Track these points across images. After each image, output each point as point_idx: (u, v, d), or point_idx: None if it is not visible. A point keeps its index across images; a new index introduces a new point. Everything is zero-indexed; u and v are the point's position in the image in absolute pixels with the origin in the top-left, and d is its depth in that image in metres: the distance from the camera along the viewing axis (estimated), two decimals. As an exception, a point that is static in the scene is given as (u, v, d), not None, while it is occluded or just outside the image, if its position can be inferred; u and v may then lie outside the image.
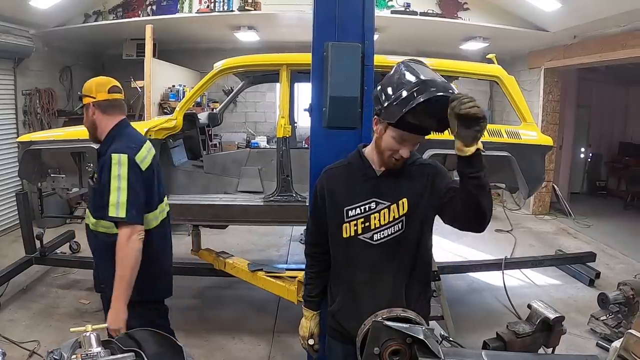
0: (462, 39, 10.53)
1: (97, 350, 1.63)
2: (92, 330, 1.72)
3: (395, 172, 2.47)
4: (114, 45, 11.57)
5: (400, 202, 2.42)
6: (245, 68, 5.69)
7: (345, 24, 3.75)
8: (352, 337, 2.38)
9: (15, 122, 9.80)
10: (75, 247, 8.11)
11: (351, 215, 2.49)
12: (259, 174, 6.02)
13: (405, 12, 9.30)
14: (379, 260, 2.47)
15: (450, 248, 8.25)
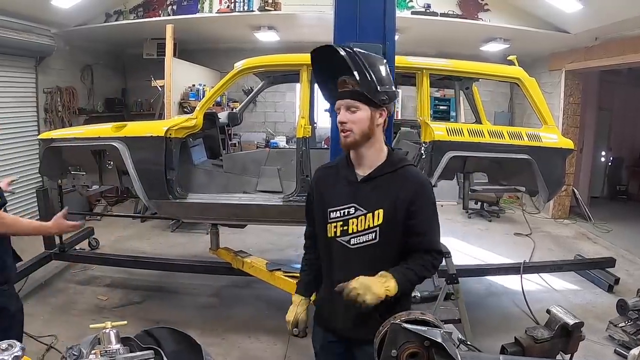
0: (483, 40, 10.45)
1: (117, 347, 1.64)
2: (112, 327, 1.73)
3: (375, 179, 2.51)
4: (135, 45, 11.67)
5: (376, 212, 2.46)
6: (266, 68, 5.72)
7: (366, 24, 3.76)
8: (331, 327, 2.70)
9: (37, 119, 9.93)
10: (94, 244, 8.22)
11: (333, 217, 2.55)
12: (278, 173, 6.01)
13: (426, 13, 9.26)
14: (354, 264, 2.50)
15: (468, 251, 8.21)
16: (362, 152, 2.52)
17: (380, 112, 2.46)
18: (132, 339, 1.77)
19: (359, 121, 2.43)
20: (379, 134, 2.51)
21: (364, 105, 2.43)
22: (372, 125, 2.46)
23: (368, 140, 2.48)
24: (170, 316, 5.74)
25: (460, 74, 5.70)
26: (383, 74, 2.53)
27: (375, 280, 2.18)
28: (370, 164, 2.53)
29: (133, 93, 13.25)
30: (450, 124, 5.78)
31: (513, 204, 11.55)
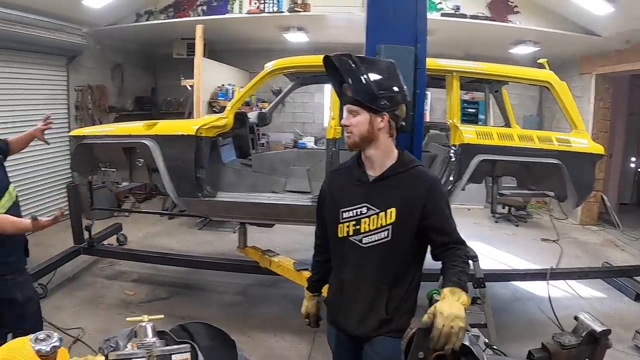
0: (512, 43, 10.34)
1: (153, 340, 1.67)
2: (148, 320, 1.76)
3: (387, 179, 2.56)
4: (165, 44, 11.78)
5: (388, 211, 2.50)
6: (296, 69, 5.74)
7: (397, 26, 3.75)
8: (340, 325, 2.76)
9: (67, 116, 10.14)
10: (122, 240, 8.35)
11: (345, 217, 2.60)
12: (307, 174, 6.02)
13: (455, 15, 9.21)
14: (365, 263, 2.58)
15: (495, 255, 8.16)
16: (370, 154, 2.58)
17: (381, 116, 2.50)
18: (167, 333, 1.80)
19: (358, 124, 2.52)
20: (383, 137, 2.55)
21: (362, 110, 2.50)
22: (371, 129, 2.51)
23: (371, 143, 2.55)
24: (196, 312, 5.78)
25: (490, 76, 5.68)
26: (386, 78, 2.57)
27: (453, 304, 2.11)
28: (380, 165, 2.58)
29: (162, 92, 13.42)
30: (480, 127, 5.73)
31: (540, 209, 11.45)
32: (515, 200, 10.05)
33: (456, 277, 2.28)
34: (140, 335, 1.71)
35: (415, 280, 2.63)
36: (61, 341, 1.59)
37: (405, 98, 2.58)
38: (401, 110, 2.56)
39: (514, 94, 10.92)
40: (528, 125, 10.78)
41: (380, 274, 2.56)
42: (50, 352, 1.54)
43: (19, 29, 8.11)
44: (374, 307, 2.57)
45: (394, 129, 2.55)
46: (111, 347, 1.61)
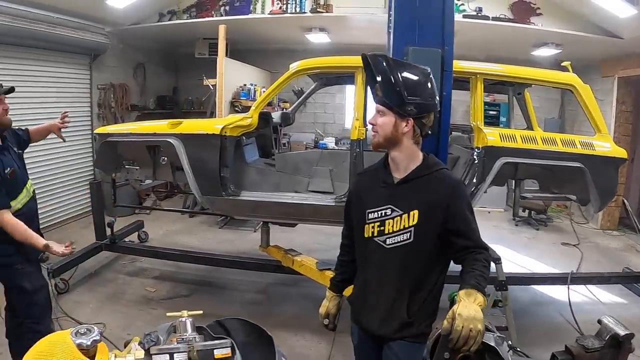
0: (534, 45, 10.28)
1: (193, 335, 1.70)
2: (188, 316, 1.79)
3: (411, 182, 2.58)
4: (187, 44, 11.84)
5: (411, 213, 2.52)
6: (321, 69, 5.78)
7: (425, 28, 3.76)
8: (362, 324, 2.79)
9: (90, 114, 10.25)
10: (144, 237, 8.45)
11: (371, 218, 2.64)
12: (330, 174, 6.04)
13: (477, 16, 9.17)
14: (387, 264, 2.62)
15: (515, 259, 8.11)
16: (394, 156, 2.61)
17: (406, 121, 2.52)
18: (204, 328, 1.83)
19: (383, 125, 2.54)
20: (407, 142, 2.56)
21: (389, 112, 2.53)
22: (395, 132, 2.53)
23: (395, 146, 2.57)
24: (217, 310, 5.73)
25: (514, 79, 5.64)
26: (418, 85, 2.58)
27: (470, 306, 2.14)
28: (404, 167, 2.61)
29: (184, 91, 13.49)
30: (503, 129, 5.72)
31: (561, 213, 11.36)
32: (536, 203, 9.99)
33: (474, 279, 2.30)
34: (180, 330, 1.74)
35: (438, 283, 2.64)
36: (101, 335, 1.62)
37: (434, 107, 2.58)
38: (428, 119, 2.57)
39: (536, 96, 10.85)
40: (549, 128, 10.71)
41: (402, 276, 2.58)
42: (91, 346, 1.56)
43: (44, 27, 8.22)
44: (396, 308, 2.59)
45: (418, 135, 2.57)
46: (152, 342, 1.63)
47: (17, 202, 4.02)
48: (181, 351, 1.56)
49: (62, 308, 5.86)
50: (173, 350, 1.56)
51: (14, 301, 4.18)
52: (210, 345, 1.59)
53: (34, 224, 4.23)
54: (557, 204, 11.11)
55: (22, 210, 4.07)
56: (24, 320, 4.14)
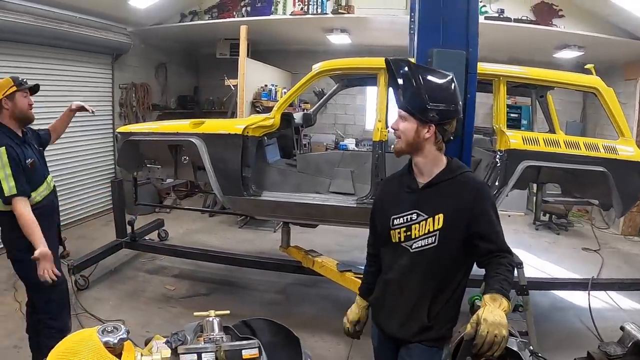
0: (556, 47, 10.17)
1: (221, 335, 1.71)
2: (215, 315, 1.80)
3: (436, 186, 2.57)
4: (208, 44, 11.93)
5: (436, 217, 2.51)
6: (343, 71, 5.75)
7: (449, 30, 3.75)
8: (382, 326, 2.79)
9: (112, 113, 10.36)
10: (164, 235, 8.51)
11: (396, 224, 2.63)
12: (351, 176, 6.03)
13: (499, 18, 9.13)
14: (411, 267, 2.60)
15: (535, 264, 8.03)
16: (417, 162, 2.61)
17: (427, 127, 2.51)
18: (230, 328, 1.83)
19: (404, 131, 2.54)
20: (430, 147, 2.56)
21: (411, 118, 2.52)
22: (417, 138, 2.53)
23: (418, 151, 2.57)
24: (236, 310, 5.64)
25: (537, 82, 5.58)
26: (441, 91, 2.57)
27: (496, 311, 2.13)
28: (429, 172, 2.60)
29: (205, 91, 13.58)
30: (526, 132, 5.67)
31: (582, 217, 11.24)
32: (557, 208, 9.91)
33: (498, 284, 2.28)
34: (207, 329, 1.74)
35: (459, 288, 2.63)
36: (128, 333, 1.63)
37: (457, 114, 2.56)
38: (451, 125, 2.56)
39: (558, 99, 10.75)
40: (571, 132, 10.62)
41: (425, 279, 2.57)
42: (118, 344, 1.57)
43: (67, 27, 8.34)
44: (416, 312, 2.59)
45: (441, 142, 2.56)
46: (179, 341, 1.63)
47: (37, 194, 4.08)
48: (209, 351, 1.56)
49: (82, 304, 5.92)
50: (201, 350, 1.57)
51: (32, 297, 4.26)
52: (238, 346, 1.59)
53: (54, 220, 4.30)
54: (578, 208, 11.01)
55: (42, 202, 4.14)
56: (41, 316, 4.21)
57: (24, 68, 7.73)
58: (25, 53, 7.94)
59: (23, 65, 7.82)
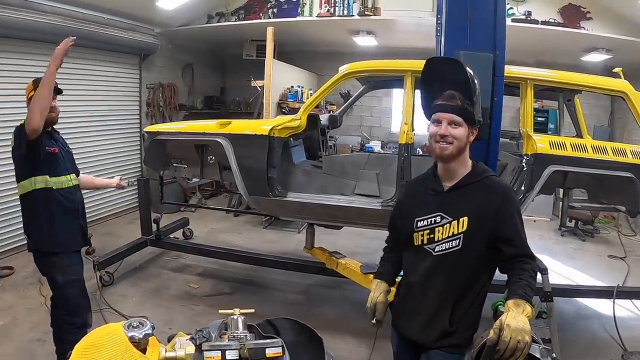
0: (584, 50, 10.04)
1: (245, 333, 1.72)
2: (240, 314, 1.82)
3: (461, 189, 2.57)
4: (235, 46, 12.00)
5: (461, 219, 2.50)
6: (370, 73, 5.72)
7: (476, 33, 3.73)
8: (402, 330, 2.78)
9: (139, 113, 10.50)
10: (189, 234, 8.58)
11: (420, 226, 2.62)
12: (377, 178, 6.02)
13: (526, 20, 9.05)
14: (434, 271, 2.59)
15: (560, 270, 7.92)
16: (452, 165, 2.59)
17: (473, 129, 2.53)
18: (254, 327, 1.85)
19: (459, 137, 2.50)
20: (467, 149, 2.57)
21: (464, 123, 2.50)
22: (467, 142, 2.53)
23: (461, 154, 2.55)
24: (258, 309, 5.64)
25: (564, 85, 5.51)
26: (479, 90, 2.60)
27: (519, 317, 2.12)
28: (456, 175, 2.59)
29: (231, 92, 13.67)
30: (553, 136, 5.60)
31: (608, 224, 11.05)
32: (583, 214, 9.76)
33: (521, 290, 2.27)
34: (232, 327, 1.76)
35: (482, 293, 2.61)
36: (153, 329, 1.65)
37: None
38: None
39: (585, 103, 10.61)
40: (598, 136, 10.47)
41: (448, 283, 2.55)
42: (143, 340, 1.59)
43: (95, 28, 8.49)
44: (438, 316, 2.57)
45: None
46: (204, 338, 1.65)
47: (57, 180, 4.15)
48: (233, 348, 1.58)
49: (107, 300, 6.01)
50: (225, 347, 1.58)
51: (52, 291, 4.34)
52: (262, 344, 1.61)
53: (78, 215, 4.37)
54: (605, 214, 10.83)
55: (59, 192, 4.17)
56: (60, 312, 4.31)
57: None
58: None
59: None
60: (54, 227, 4.11)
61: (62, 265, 4.18)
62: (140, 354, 1.55)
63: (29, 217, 4.21)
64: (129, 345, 1.54)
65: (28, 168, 4.04)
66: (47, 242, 4.13)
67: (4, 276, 6.61)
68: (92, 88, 9.00)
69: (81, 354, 1.52)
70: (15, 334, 5.25)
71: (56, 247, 4.15)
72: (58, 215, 4.13)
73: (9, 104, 6.90)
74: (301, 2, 9.85)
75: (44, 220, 4.10)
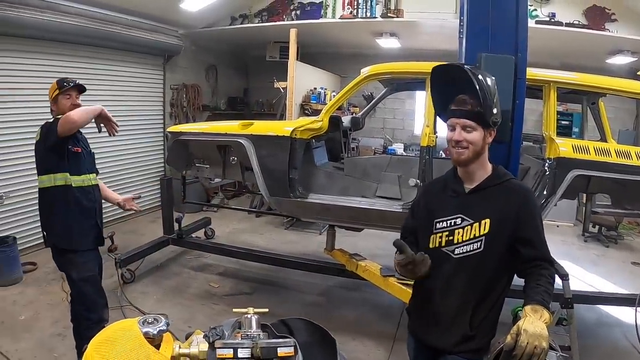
0: (609, 53, 9.91)
1: (258, 332, 1.72)
2: (254, 313, 1.82)
3: (483, 191, 2.55)
4: (258, 47, 12.08)
5: (482, 222, 2.48)
6: (392, 75, 5.71)
7: (498, 35, 3.70)
8: (420, 336, 2.74)
9: (163, 113, 10.63)
10: (210, 234, 8.67)
11: (438, 228, 2.60)
12: (399, 181, 5.98)
13: (550, 22, 8.94)
14: (454, 273, 2.55)
15: (582, 276, 7.79)
16: (472, 168, 2.57)
17: (490, 131, 2.52)
18: (268, 326, 1.85)
19: (474, 142, 2.49)
20: (485, 152, 2.56)
21: (479, 127, 2.49)
22: (483, 145, 2.52)
23: (479, 157, 2.54)
24: (277, 309, 5.76)
25: (588, 88, 5.43)
26: (495, 91, 2.56)
27: (537, 323, 2.10)
28: (477, 177, 2.58)
29: (254, 93, 13.77)
30: (576, 140, 5.52)
31: (632, 230, 10.88)
32: (606, 219, 9.62)
33: (539, 295, 2.25)
34: (245, 326, 1.76)
35: (501, 297, 2.58)
36: (168, 326, 1.66)
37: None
38: None
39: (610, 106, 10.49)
40: (623, 140, 10.33)
41: (468, 287, 2.53)
42: (157, 336, 1.60)
43: (120, 29, 8.61)
44: (458, 320, 2.54)
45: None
46: (217, 336, 1.65)
47: (77, 178, 4.23)
48: (245, 347, 1.58)
49: (127, 297, 6.10)
50: (237, 346, 1.58)
51: (69, 286, 4.43)
52: (274, 343, 1.61)
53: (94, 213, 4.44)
54: (629, 220, 10.66)
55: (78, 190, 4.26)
56: (77, 307, 4.39)
57: (79, 68, 8.03)
58: (81, 54, 8.23)
59: (78, 65, 8.12)
60: (70, 225, 4.20)
61: (77, 262, 4.26)
62: (154, 349, 1.56)
63: (47, 214, 4.31)
64: (143, 341, 1.55)
65: (50, 164, 4.15)
66: (62, 239, 4.23)
67: (27, 272, 6.75)
68: (117, 88, 9.12)
69: (96, 347, 1.54)
70: (37, 328, 5.36)
71: (71, 244, 4.24)
72: (75, 213, 4.21)
73: (33, 103, 7.02)
74: (324, 4, 9.88)
75: (61, 218, 4.19)
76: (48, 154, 4.11)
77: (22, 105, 7.19)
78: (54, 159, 4.10)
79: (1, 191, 7.09)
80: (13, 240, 6.70)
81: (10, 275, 6.47)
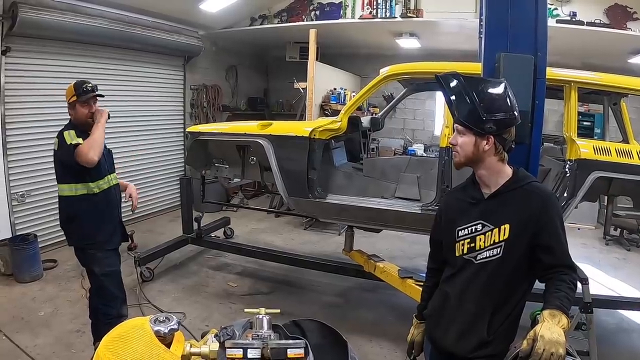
0: (631, 52, 9.71)
1: (269, 333, 1.72)
2: (265, 313, 1.82)
3: (502, 196, 2.52)
4: (278, 48, 12.13)
5: (502, 227, 2.45)
6: (411, 75, 5.66)
7: (517, 34, 3.66)
8: (436, 341, 2.70)
9: (183, 113, 10.73)
10: (229, 233, 8.72)
11: (461, 235, 2.58)
12: (418, 181, 5.94)
13: (571, 21, 8.83)
14: (473, 279, 2.54)
15: (603, 280, 7.68)
16: (480, 174, 2.57)
17: (486, 139, 2.46)
18: (280, 327, 1.85)
19: (463, 145, 2.51)
20: (490, 159, 2.51)
21: (468, 132, 2.48)
22: (476, 151, 2.49)
23: (479, 164, 2.53)
24: (295, 310, 5.82)
25: (610, 88, 5.32)
26: (495, 101, 2.51)
27: (553, 328, 2.08)
28: (494, 183, 2.55)
29: (274, 93, 13.85)
30: (598, 141, 5.43)
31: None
32: (628, 222, 9.45)
33: (558, 300, 2.22)
34: (256, 326, 1.77)
35: (520, 303, 2.55)
36: (179, 325, 1.67)
37: (515, 121, 2.50)
38: (510, 134, 2.51)
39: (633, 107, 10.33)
40: (646, 142, 10.19)
41: (487, 292, 2.50)
42: (168, 334, 1.61)
43: (140, 30, 8.72)
44: (476, 325, 2.51)
45: (502, 151, 2.51)
46: (227, 336, 1.66)
47: (95, 186, 4.29)
48: (255, 347, 1.58)
49: (146, 295, 6.18)
50: (247, 346, 1.59)
51: (90, 281, 4.51)
52: (284, 344, 1.60)
53: (114, 213, 4.52)
54: (652, 223, 10.51)
55: (100, 195, 4.33)
56: (96, 302, 4.47)
57: (100, 69, 8.15)
58: (101, 55, 8.34)
59: (99, 66, 8.23)
60: (93, 229, 4.28)
61: (100, 257, 4.34)
62: (164, 348, 1.57)
63: (69, 218, 4.37)
64: (154, 339, 1.57)
65: (70, 174, 4.22)
66: (86, 241, 4.32)
67: (47, 269, 6.84)
68: (137, 89, 9.25)
69: (107, 344, 1.57)
70: (56, 324, 5.44)
71: (96, 245, 4.32)
72: (98, 221, 4.30)
73: (54, 103, 7.07)
74: (343, 4, 9.88)
75: (84, 222, 4.27)
76: (67, 166, 4.17)
77: (42, 105, 7.29)
78: (73, 170, 4.17)
79: (23, 190, 7.20)
80: (34, 237, 6.80)
81: (31, 272, 6.56)
